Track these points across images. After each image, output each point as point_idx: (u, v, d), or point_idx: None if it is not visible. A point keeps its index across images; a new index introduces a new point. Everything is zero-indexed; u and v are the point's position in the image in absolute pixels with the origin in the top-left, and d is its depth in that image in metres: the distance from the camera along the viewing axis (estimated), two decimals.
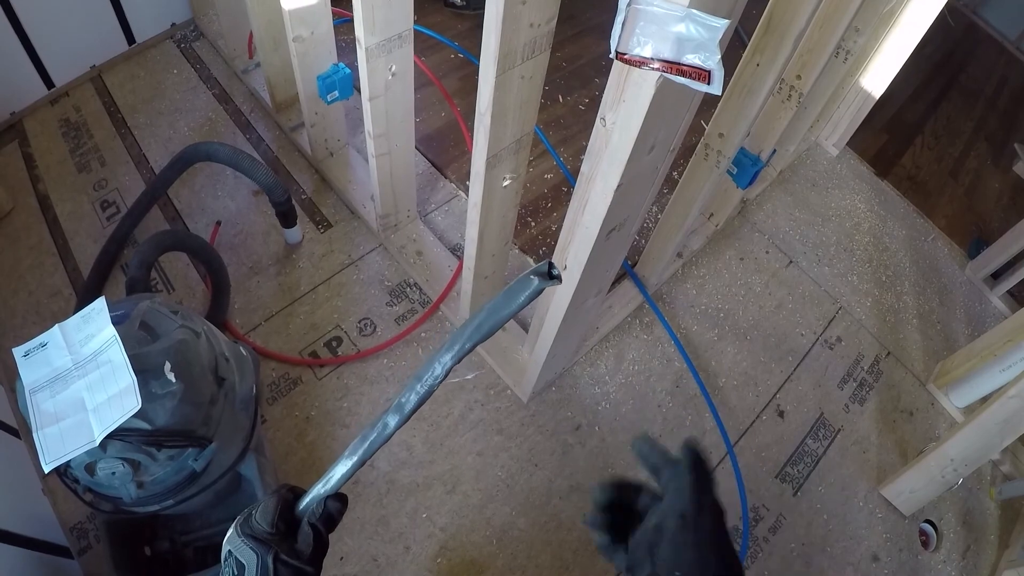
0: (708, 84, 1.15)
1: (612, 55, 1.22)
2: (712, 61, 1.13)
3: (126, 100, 3.33)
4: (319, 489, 0.98)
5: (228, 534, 0.97)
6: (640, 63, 1.19)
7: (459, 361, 0.90)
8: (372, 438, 0.95)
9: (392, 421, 0.94)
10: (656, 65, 1.17)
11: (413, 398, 0.93)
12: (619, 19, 1.16)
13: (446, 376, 0.91)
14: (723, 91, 1.85)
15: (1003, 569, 2.81)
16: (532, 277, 0.83)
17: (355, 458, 0.96)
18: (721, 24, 1.09)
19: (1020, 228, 3.46)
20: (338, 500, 0.99)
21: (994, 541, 2.96)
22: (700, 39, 1.11)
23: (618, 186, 1.50)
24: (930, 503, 2.86)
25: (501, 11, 1.49)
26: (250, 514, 0.98)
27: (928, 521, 2.91)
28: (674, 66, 1.16)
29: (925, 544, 2.87)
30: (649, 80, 1.25)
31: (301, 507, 0.99)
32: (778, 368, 3.13)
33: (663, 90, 1.27)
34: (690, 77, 1.15)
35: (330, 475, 0.97)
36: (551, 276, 0.82)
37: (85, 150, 3.14)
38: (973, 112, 4.95)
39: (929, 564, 2.82)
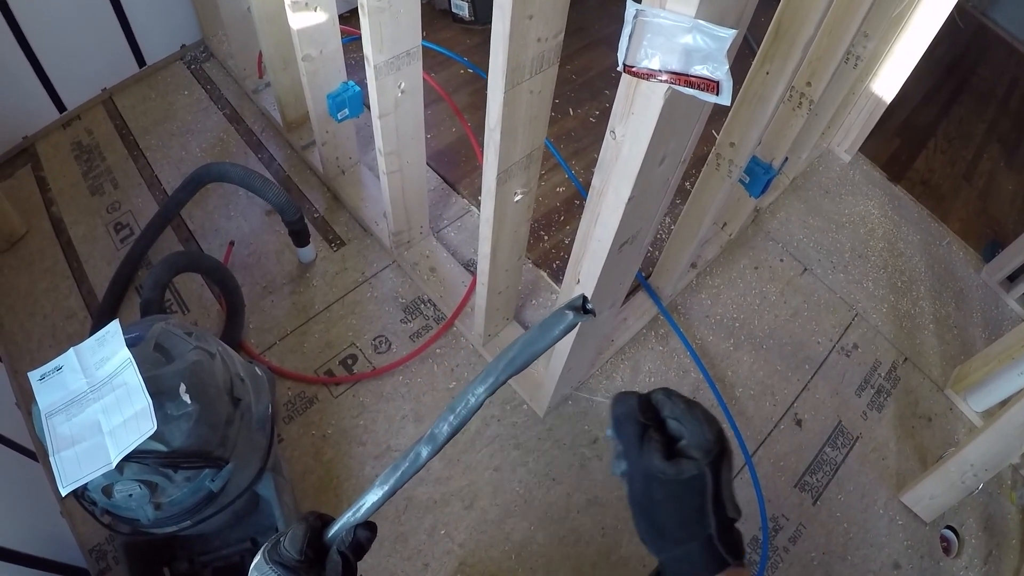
0: (717, 95, 1.15)
1: (620, 68, 1.21)
2: (720, 72, 1.12)
3: (138, 122, 3.34)
4: (349, 517, 0.97)
5: (256, 560, 0.97)
6: (648, 75, 1.19)
7: (493, 393, 0.90)
8: (404, 468, 0.94)
9: (425, 451, 0.93)
10: (664, 77, 1.17)
11: (446, 429, 0.92)
12: (626, 31, 1.16)
13: (479, 407, 0.91)
14: (733, 101, 1.85)
15: None
16: (567, 312, 0.82)
17: (387, 487, 0.95)
18: (728, 34, 1.08)
19: None
20: (367, 529, 0.99)
21: (1016, 545, 2.94)
22: (708, 50, 1.11)
23: (629, 199, 1.50)
24: (951, 509, 2.85)
25: (508, 27, 1.49)
26: (278, 541, 0.98)
27: (949, 527, 2.90)
28: (682, 77, 1.16)
29: (947, 550, 2.86)
30: (658, 92, 1.25)
31: (330, 535, 0.99)
32: (795, 377, 3.12)
33: (672, 102, 1.26)
34: (699, 88, 1.15)
35: (361, 503, 0.97)
36: (585, 310, 0.82)
37: (98, 172, 3.15)
38: (985, 114, 4.94)
39: (951, 570, 2.81)
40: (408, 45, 2.20)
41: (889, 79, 3.52)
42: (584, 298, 0.83)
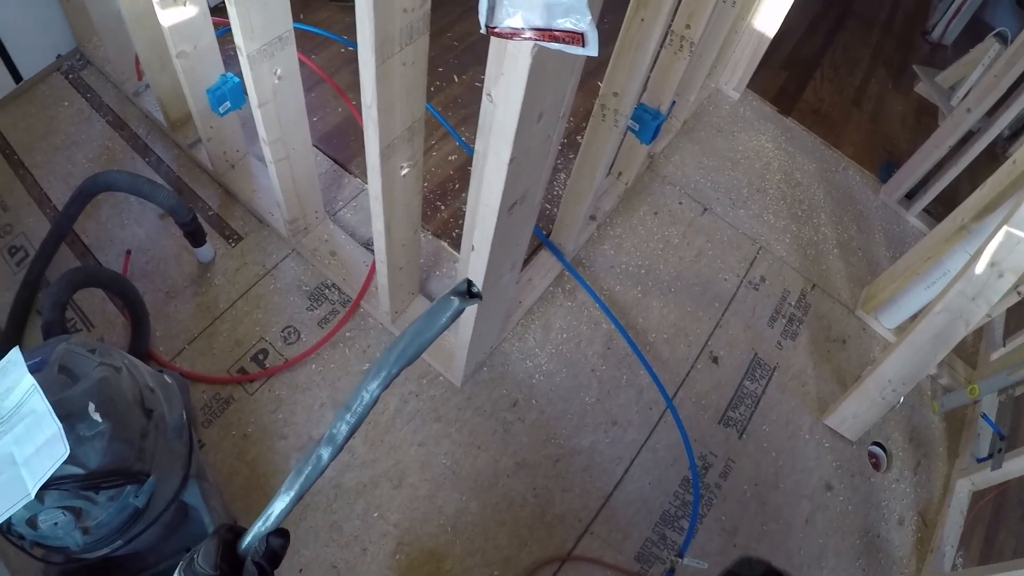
0: (584, 47, 1.14)
1: (482, 30, 1.21)
2: (584, 23, 1.12)
3: (20, 140, 3.27)
4: (260, 527, 0.98)
5: None
6: (512, 34, 1.18)
7: (386, 387, 0.90)
8: (307, 472, 0.95)
9: (326, 453, 0.94)
10: (528, 34, 1.16)
11: (344, 428, 0.93)
12: None
13: (375, 403, 0.90)
14: (610, 50, 1.85)
15: (956, 478, 2.86)
16: (452, 298, 0.83)
17: (293, 492, 0.96)
18: None
19: (928, 147, 3.52)
20: (280, 536, 0.99)
21: (943, 453, 3.02)
22: (569, 2, 1.10)
23: (511, 160, 1.50)
24: (875, 426, 2.91)
25: (371, 0, 1.48)
26: (192, 558, 0.97)
27: (876, 443, 2.96)
28: (547, 33, 1.15)
29: (876, 466, 2.91)
30: (524, 50, 1.25)
31: (243, 546, 0.99)
32: (706, 316, 3.15)
33: (540, 58, 1.26)
34: (564, 42, 1.15)
35: (269, 512, 0.97)
36: (471, 295, 0.82)
37: None
38: (869, 39, 5.01)
39: (883, 484, 2.87)
40: (280, 30, 2.17)
41: (770, 14, 3.55)
42: (469, 282, 0.83)
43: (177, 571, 0.97)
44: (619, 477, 2.71)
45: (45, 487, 1.43)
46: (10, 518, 1.47)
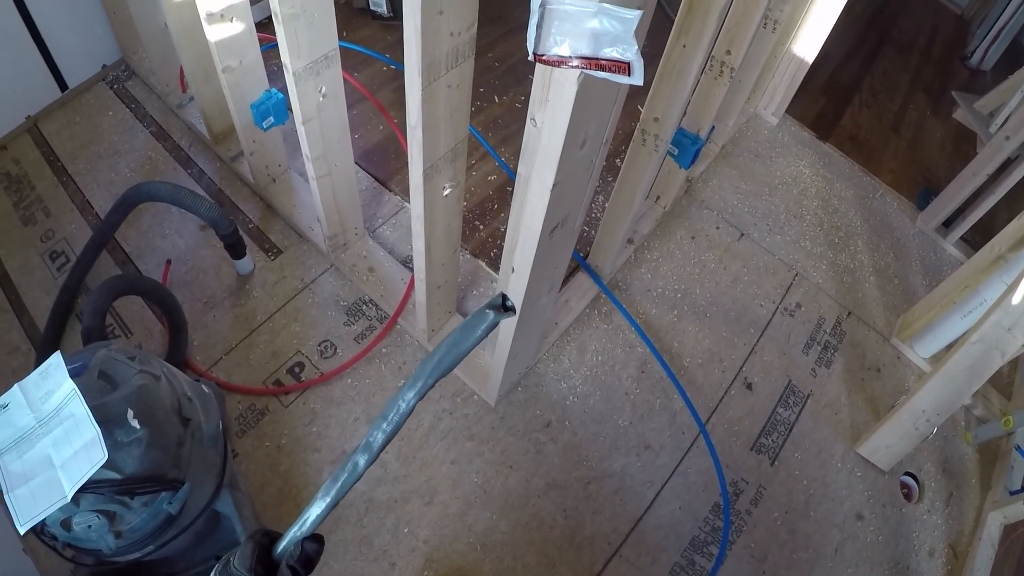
0: (629, 76, 1.16)
1: (530, 58, 1.22)
2: (630, 52, 1.13)
3: (64, 147, 3.30)
4: (295, 532, 0.99)
5: None
6: (559, 62, 1.20)
7: (422, 397, 0.91)
8: (344, 479, 0.96)
9: (362, 461, 0.95)
10: (575, 63, 1.18)
11: (380, 437, 0.94)
12: (533, 21, 1.17)
13: (411, 412, 0.92)
14: (654, 76, 1.86)
15: (988, 511, 2.84)
16: (487, 311, 0.84)
17: (329, 499, 0.97)
18: (634, 15, 1.09)
19: (966, 174, 3.50)
20: (315, 541, 1.00)
21: (976, 485, 2.99)
22: (615, 32, 1.12)
23: (554, 184, 1.51)
24: (908, 456, 2.89)
25: (419, 23, 1.49)
26: (228, 561, 0.98)
27: (908, 473, 2.94)
28: (593, 61, 1.17)
29: (908, 496, 2.90)
30: (571, 78, 1.26)
31: (279, 551, 1.00)
32: (741, 341, 3.15)
33: (586, 86, 1.28)
34: (610, 71, 1.16)
35: (305, 517, 0.98)
36: (505, 308, 0.83)
37: (28, 202, 3.11)
38: (908, 65, 4.99)
39: (914, 515, 2.85)
40: (325, 49, 2.19)
41: (809, 40, 3.55)
42: (503, 296, 0.84)
43: (213, 573, 0.98)
44: (650, 501, 2.71)
45: (81, 490, 1.46)
46: (45, 519, 1.49)
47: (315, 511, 0.97)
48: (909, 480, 2.94)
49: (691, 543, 2.65)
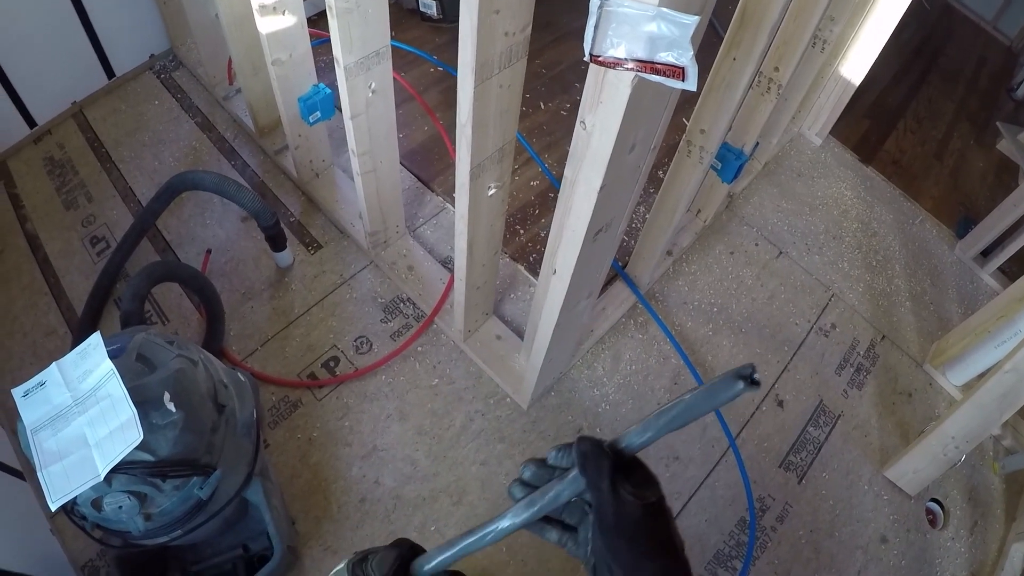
0: (683, 81, 1.16)
1: (587, 58, 1.23)
2: (685, 58, 1.13)
3: (109, 134, 3.33)
4: (442, 557, 0.97)
5: (338, 568, 1.00)
6: (615, 64, 1.20)
7: (646, 446, 0.87)
8: (541, 503, 0.91)
9: (538, 506, 0.91)
10: (630, 65, 1.18)
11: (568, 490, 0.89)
12: (591, 22, 1.17)
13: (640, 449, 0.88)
14: (700, 87, 1.86)
15: (1012, 542, 2.82)
16: (737, 381, 0.78)
17: (519, 519, 0.93)
18: (692, 21, 1.10)
19: (1007, 205, 3.48)
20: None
21: (1001, 515, 2.97)
22: (672, 37, 1.12)
23: (601, 187, 1.51)
24: (934, 482, 2.87)
25: (475, 22, 1.50)
26: (366, 557, 1.00)
27: (934, 500, 2.93)
28: (648, 65, 1.17)
29: (932, 523, 2.88)
30: (625, 80, 1.26)
31: (419, 571, 1.00)
32: (775, 358, 3.14)
33: (639, 89, 1.28)
34: (665, 75, 1.16)
35: (458, 546, 0.96)
36: (752, 381, 0.80)
37: (71, 187, 3.14)
38: (954, 94, 4.97)
39: (938, 542, 2.84)
40: (377, 45, 2.20)
41: (857, 62, 3.54)
42: (753, 368, 0.80)
43: (346, 562, 1.00)
44: (677, 512, 2.70)
45: (114, 470, 1.47)
46: (76, 498, 1.51)
47: (466, 541, 0.95)
48: (935, 506, 2.92)
49: (715, 556, 2.64)
